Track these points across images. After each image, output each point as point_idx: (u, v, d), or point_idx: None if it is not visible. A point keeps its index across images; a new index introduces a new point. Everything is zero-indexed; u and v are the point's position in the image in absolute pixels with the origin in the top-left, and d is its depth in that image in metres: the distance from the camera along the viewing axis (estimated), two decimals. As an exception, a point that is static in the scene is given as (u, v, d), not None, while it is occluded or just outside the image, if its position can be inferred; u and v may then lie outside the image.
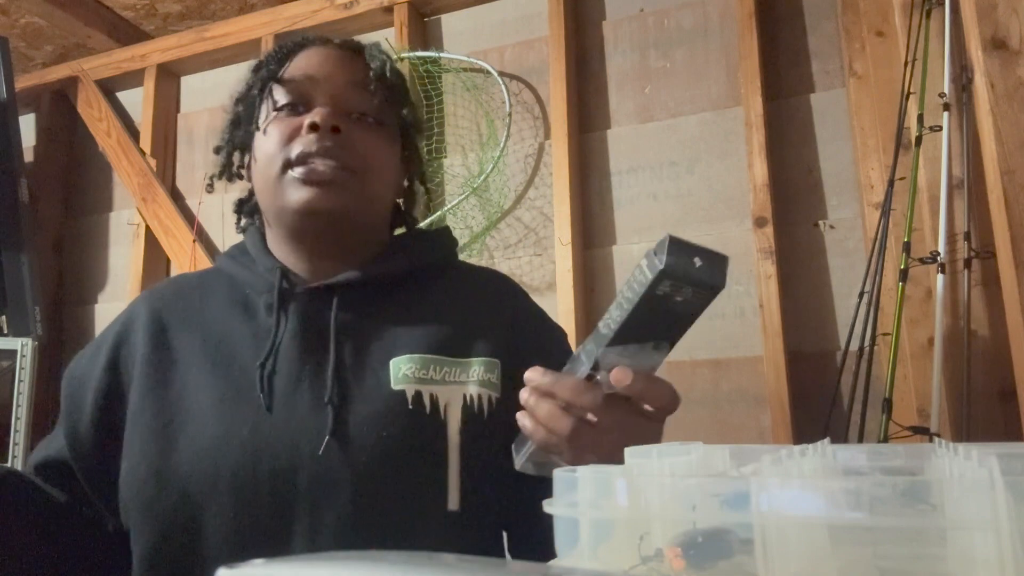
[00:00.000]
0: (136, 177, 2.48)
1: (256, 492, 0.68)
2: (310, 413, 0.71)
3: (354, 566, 0.33)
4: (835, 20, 1.86)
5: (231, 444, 0.69)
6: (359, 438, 0.70)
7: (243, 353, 0.75)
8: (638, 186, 1.97)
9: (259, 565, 0.33)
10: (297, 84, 0.78)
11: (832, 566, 0.35)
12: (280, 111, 0.78)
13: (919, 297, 1.58)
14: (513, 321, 0.83)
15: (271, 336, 0.75)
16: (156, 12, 2.55)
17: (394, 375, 0.74)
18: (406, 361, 0.75)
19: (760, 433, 1.73)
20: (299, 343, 0.74)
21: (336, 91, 0.78)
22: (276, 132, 0.77)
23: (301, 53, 0.81)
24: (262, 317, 0.77)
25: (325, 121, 0.75)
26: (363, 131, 0.78)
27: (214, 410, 0.71)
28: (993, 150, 1.29)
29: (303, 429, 0.70)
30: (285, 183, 0.76)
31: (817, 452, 0.46)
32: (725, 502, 0.35)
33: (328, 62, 0.80)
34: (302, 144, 0.75)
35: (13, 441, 2.09)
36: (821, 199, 1.81)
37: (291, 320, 0.76)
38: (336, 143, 0.75)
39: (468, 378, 0.76)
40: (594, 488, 0.38)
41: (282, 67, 0.80)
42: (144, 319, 0.79)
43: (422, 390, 0.73)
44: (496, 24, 2.21)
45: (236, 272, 0.82)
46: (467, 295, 0.83)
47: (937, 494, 0.31)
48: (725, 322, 1.82)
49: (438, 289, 0.83)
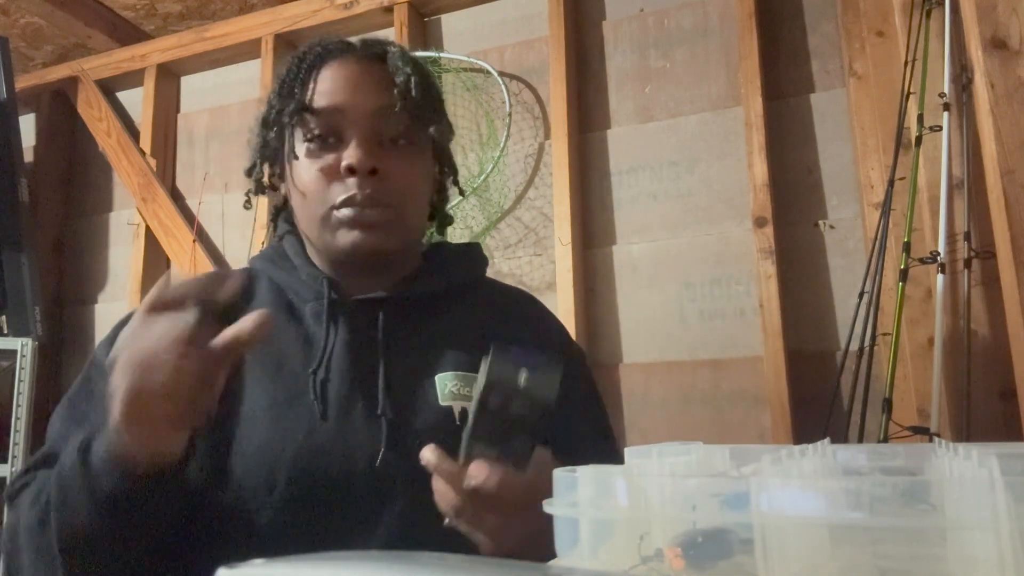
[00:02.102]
0: (136, 177, 2.48)
1: (311, 497, 0.69)
2: (364, 424, 0.73)
3: (354, 566, 0.33)
4: (835, 20, 1.85)
5: (287, 448, 0.70)
6: (413, 450, 0.70)
7: (292, 358, 0.76)
8: (638, 186, 1.97)
9: (259, 565, 0.33)
10: (326, 117, 0.77)
11: (832, 566, 0.35)
12: (312, 142, 0.78)
13: (919, 297, 1.58)
14: (541, 344, 0.85)
15: (322, 344, 0.76)
16: (156, 12, 2.55)
17: (440, 391, 0.76)
18: (451, 378, 0.77)
19: (760, 433, 1.73)
20: (350, 353, 0.76)
21: (366, 121, 0.77)
22: (313, 169, 0.77)
23: (324, 71, 0.79)
24: (309, 324, 0.79)
25: (362, 165, 0.75)
26: (397, 159, 0.78)
27: (267, 414, 0.72)
28: (993, 150, 1.29)
29: (358, 439, 0.72)
30: (331, 224, 0.77)
31: (817, 452, 0.46)
32: (725, 502, 0.35)
33: (353, 86, 0.78)
34: (343, 189, 0.76)
35: (13, 441, 2.09)
36: (821, 199, 1.81)
37: (340, 330, 0.77)
38: (375, 186, 0.76)
39: None
40: (594, 488, 0.38)
41: (307, 89, 0.79)
42: None
43: (467, 407, 0.74)
44: (496, 24, 2.21)
45: (278, 277, 0.83)
46: (499, 314, 0.86)
47: (937, 494, 0.31)
48: (725, 322, 1.82)
49: (473, 306, 0.85)
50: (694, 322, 1.85)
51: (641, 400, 1.86)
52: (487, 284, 0.91)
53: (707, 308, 1.84)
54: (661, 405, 1.84)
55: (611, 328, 1.93)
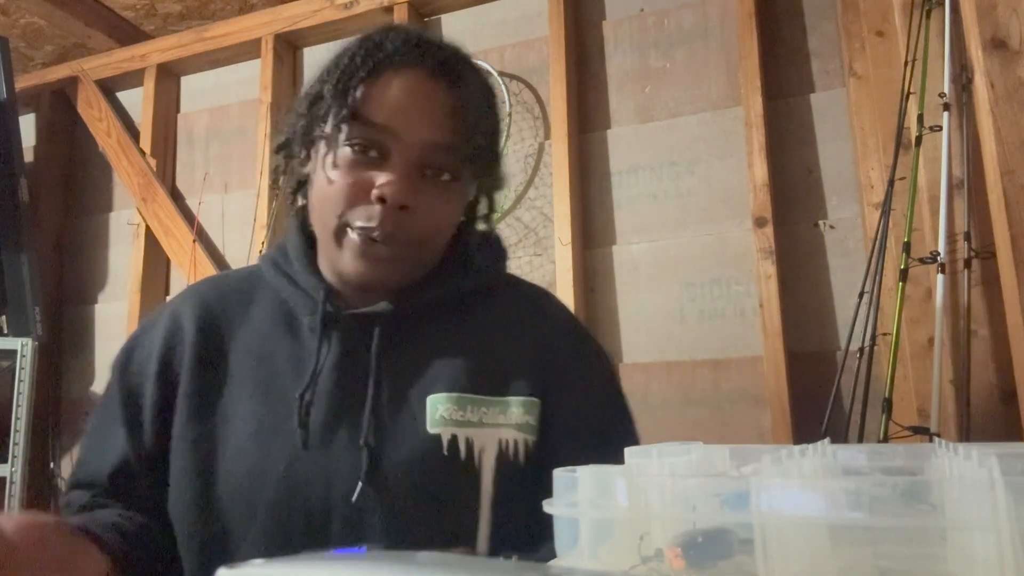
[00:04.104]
0: (136, 177, 2.48)
1: (290, 530, 0.68)
2: (345, 452, 0.70)
3: (354, 566, 0.33)
4: (835, 20, 1.85)
5: (267, 480, 0.69)
6: (392, 484, 0.69)
7: (284, 377, 0.74)
8: (638, 186, 1.97)
9: (259, 565, 0.33)
10: (376, 133, 0.71)
11: (832, 566, 0.35)
12: (352, 149, 0.72)
13: (919, 297, 1.58)
14: (555, 354, 0.79)
15: (312, 363, 0.73)
16: (156, 12, 2.55)
17: (430, 416, 0.72)
18: (443, 401, 0.73)
19: (760, 433, 1.73)
20: (339, 374, 0.73)
21: (415, 152, 0.71)
22: (343, 180, 0.72)
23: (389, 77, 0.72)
24: (305, 338, 0.76)
25: (394, 200, 0.70)
26: (434, 195, 0.73)
27: (252, 441, 0.71)
28: (993, 150, 1.29)
29: (338, 470, 0.70)
30: (342, 245, 0.73)
31: (817, 452, 0.46)
32: (725, 502, 0.35)
33: (413, 109, 0.71)
34: (366, 214, 0.71)
35: (13, 441, 2.09)
36: (821, 199, 1.81)
37: (333, 347, 0.74)
38: (400, 222, 0.71)
39: (505, 420, 0.74)
40: (594, 488, 0.38)
41: (364, 91, 0.71)
42: (190, 327, 0.78)
43: (457, 433, 0.72)
44: (496, 24, 2.21)
45: (280, 286, 0.80)
46: (509, 322, 0.81)
47: (937, 494, 0.31)
48: (725, 322, 1.82)
49: (480, 315, 0.80)
50: (694, 322, 1.85)
51: (641, 400, 1.86)
52: (503, 287, 0.85)
53: (707, 308, 1.84)
54: (661, 405, 1.84)
55: (611, 328, 1.93)
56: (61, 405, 2.50)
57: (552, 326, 0.83)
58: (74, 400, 2.51)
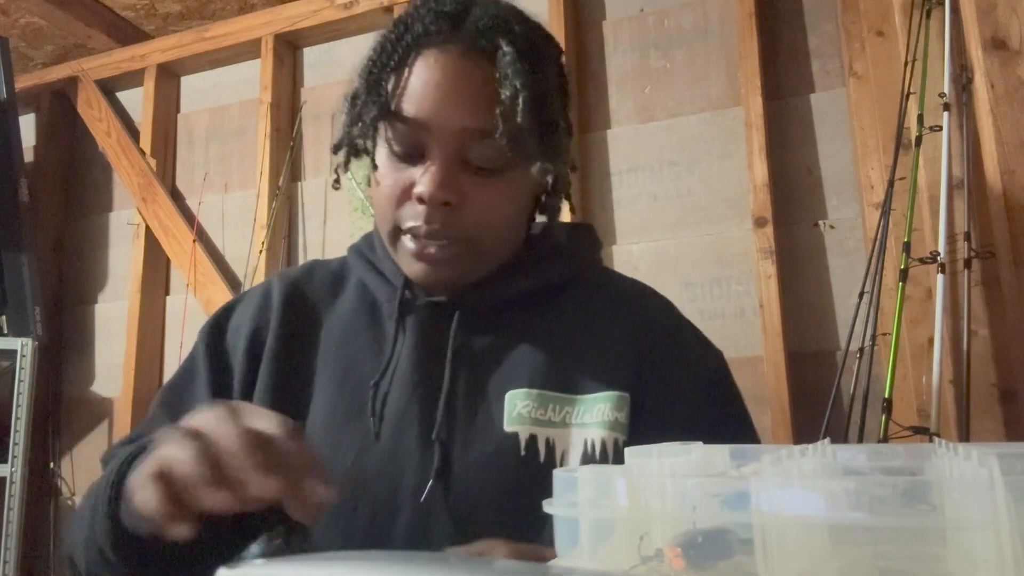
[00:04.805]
0: (136, 177, 2.48)
1: (353, 526, 0.66)
2: (416, 447, 0.68)
3: (354, 566, 0.33)
4: (835, 20, 1.85)
5: (337, 469, 0.66)
6: (464, 484, 0.67)
7: (362, 364, 0.73)
8: (638, 186, 1.97)
9: (259, 565, 0.33)
10: (409, 129, 0.67)
11: (832, 566, 0.35)
12: (392, 148, 0.70)
13: (919, 297, 1.58)
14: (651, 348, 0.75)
15: (388, 352, 0.72)
16: (156, 12, 2.55)
17: (508, 413, 0.69)
18: (523, 396, 0.69)
19: (760, 433, 1.72)
20: (415, 364, 0.71)
21: (451, 143, 0.67)
22: (387, 181, 0.70)
23: (420, 63, 0.67)
24: (385, 325, 0.75)
25: (433, 198, 0.66)
26: (481, 188, 0.68)
27: (324, 429, 0.69)
28: (993, 150, 1.29)
29: (407, 465, 0.67)
30: (398, 248, 0.72)
31: (817, 452, 0.46)
32: (725, 502, 0.35)
33: (445, 94, 0.66)
34: (411, 215, 0.68)
35: (13, 441, 2.09)
36: (821, 199, 1.81)
37: (409, 336, 0.72)
38: (445, 219, 0.67)
39: (591, 419, 0.69)
40: (594, 488, 0.38)
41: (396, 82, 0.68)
42: (278, 307, 0.77)
43: (537, 433, 0.68)
44: (496, 24, 2.20)
45: (363, 273, 0.79)
46: (600, 315, 0.76)
47: (937, 494, 0.31)
48: (725, 322, 1.82)
49: (568, 308, 0.75)
50: (694, 322, 1.85)
51: (641, 400, 1.85)
52: (595, 277, 0.81)
53: (707, 308, 1.84)
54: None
55: (611, 328, 1.93)
56: (61, 405, 2.50)
57: (648, 319, 0.78)
58: (74, 400, 2.51)
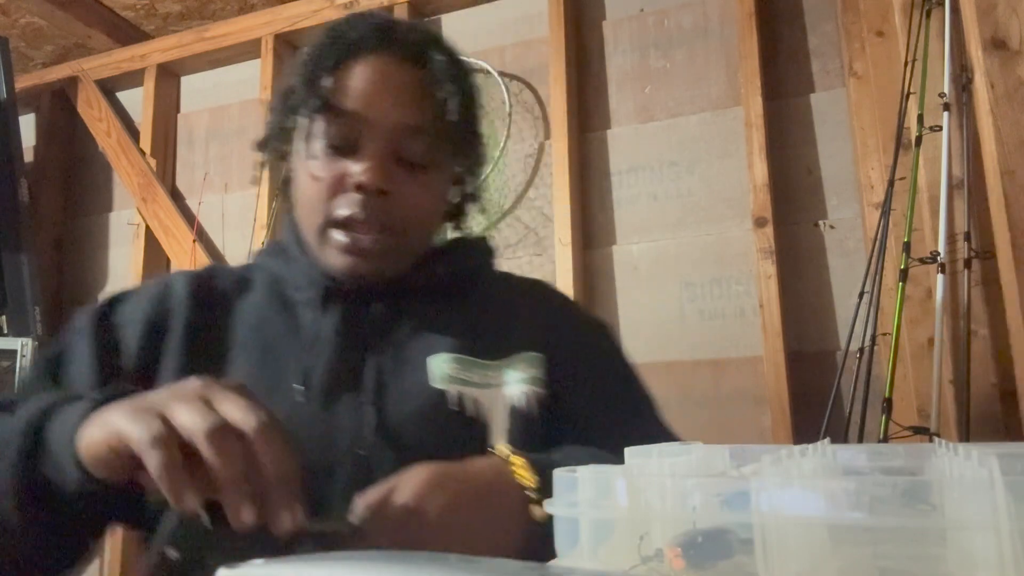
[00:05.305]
0: (136, 177, 2.48)
1: None
2: (348, 410, 0.70)
3: (354, 566, 0.34)
4: (835, 20, 1.85)
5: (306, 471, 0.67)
6: (401, 437, 0.69)
7: (280, 344, 0.74)
8: (638, 186, 1.97)
9: (259, 565, 0.33)
10: (346, 123, 0.71)
11: (832, 566, 0.35)
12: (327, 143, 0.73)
13: (919, 297, 1.58)
14: (551, 319, 0.82)
15: (310, 330, 0.74)
16: (156, 12, 2.55)
17: (435, 374, 0.73)
18: (447, 360, 0.73)
19: (760, 433, 1.73)
20: (339, 340, 0.73)
21: (387, 137, 0.72)
22: (321, 174, 0.72)
23: (356, 65, 0.72)
24: (301, 312, 0.77)
25: (372, 184, 0.70)
26: (414, 182, 0.73)
27: None
28: (993, 150, 1.29)
29: (341, 426, 0.69)
30: (326, 242, 0.74)
31: (817, 452, 0.46)
32: (725, 502, 0.35)
33: (381, 94, 0.72)
34: (346, 205, 0.71)
35: (13, 441, 2.09)
36: (821, 199, 1.81)
37: (331, 317, 0.75)
38: (380, 208, 0.71)
39: (511, 378, 0.75)
40: (594, 488, 0.39)
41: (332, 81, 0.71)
42: (184, 297, 0.77)
43: (464, 392, 0.72)
44: (496, 24, 2.21)
45: (276, 268, 0.81)
46: (504, 300, 0.83)
47: (937, 494, 0.31)
48: (725, 322, 1.82)
49: (476, 294, 0.81)
50: (694, 322, 1.85)
51: (641, 400, 1.85)
52: (496, 275, 0.88)
53: (707, 308, 1.84)
54: (661, 405, 1.84)
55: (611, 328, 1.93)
56: (61, 405, 2.50)
57: (551, 303, 0.87)
58: (74, 400, 2.51)
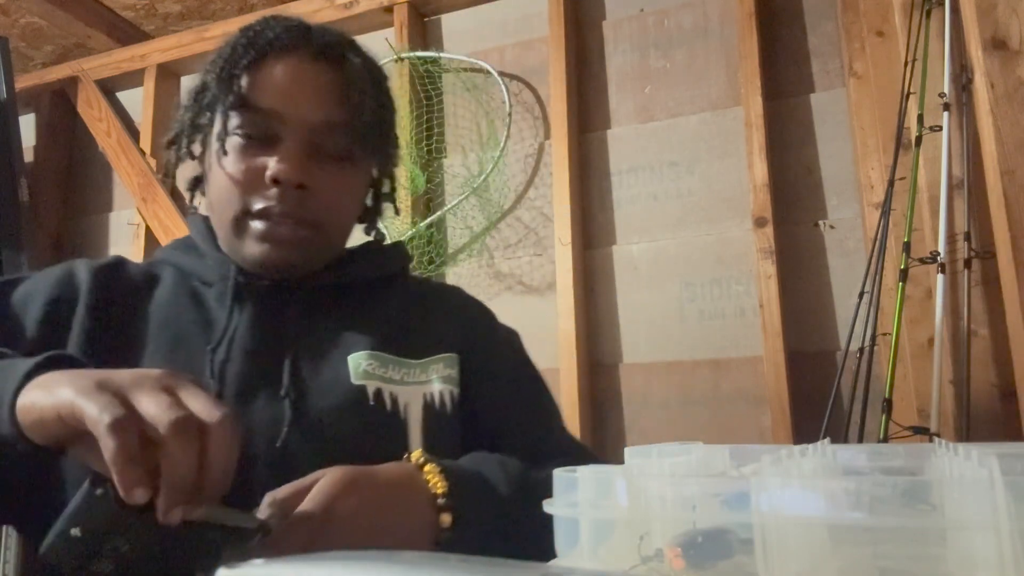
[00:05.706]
0: (136, 177, 2.48)
1: None
2: (266, 405, 0.69)
3: (354, 566, 0.34)
4: (835, 20, 1.85)
5: None
6: (319, 431, 0.68)
7: (191, 338, 0.72)
8: (638, 186, 1.97)
9: (259, 565, 0.33)
10: (263, 118, 0.72)
11: (832, 566, 0.35)
12: (243, 138, 0.72)
13: (919, 297, 1.58)
14: (467, 322, 0.85)
15: (223, 324, 0.72)
16: (156, 12, 2.55)
17: (354, 370, 0.72)
18: (365, 357, 0.74)
19: (760, 433, 1.73)
20: (253, 335, 0.72)
21: (304, 132, 0.72)
22: (237, 168, 0.72)
23: (272, 63, 0.73)
24: (211, 306, 0.75)
25: (289, 178, 0.70)
26: (330, 176, 0.74)
27: None
28: (993, 150, 1.29)
29: (258, 420, 0.68)
30: (242, 232, 0.73)
31: (817, 452, 0.46)
32: (725, 502, 0.35)
33: (298, 91, 0.72)
34: (263, 198, 0.71)
35: (13, 441, 2.09)
36: (821, 199, 1.81)
37: (246, 312, 0.74)
38: (297, 201, 0.71)
39: (428, 377, 0.77)
40: (594, 488, 0.39)
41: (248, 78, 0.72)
42: (87, 284, 0.74)
43: (382, 388, 0.73)
44: (496, 24, 2.21)
45: (184, 262, 0.79)
46: (422, 302, 0.85)
47: (937, 494, 0.31)
48: (725, 322, 1.82)
49: (392, 296, 0.82)
50: (694, 322, 1.85)
51: (641, 400, 1.86)
52: (412, 279, 0.89)
53: (707, 308, 1.84)
54: (661, 405, 1.84)
55: (611, 328, 1.93)
56: (61, 405, 2.50)
57: (467, 307, 0.89)
58: (74, 400, 2.51)
